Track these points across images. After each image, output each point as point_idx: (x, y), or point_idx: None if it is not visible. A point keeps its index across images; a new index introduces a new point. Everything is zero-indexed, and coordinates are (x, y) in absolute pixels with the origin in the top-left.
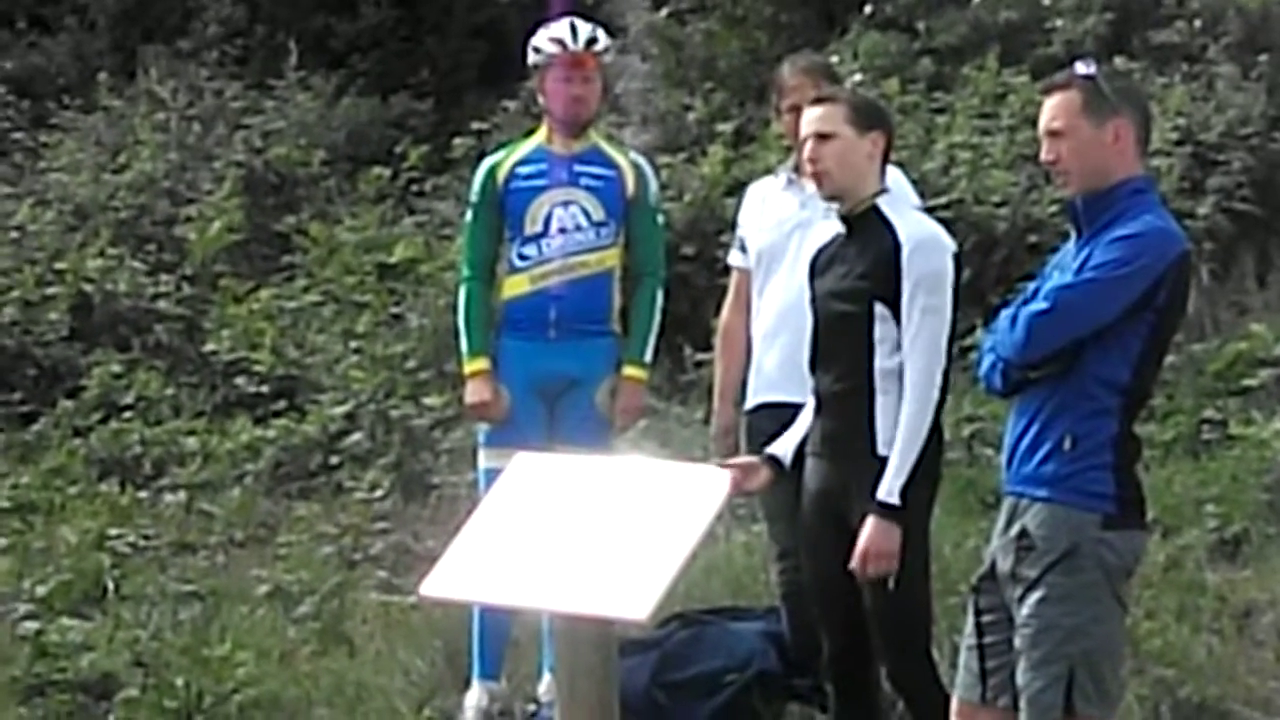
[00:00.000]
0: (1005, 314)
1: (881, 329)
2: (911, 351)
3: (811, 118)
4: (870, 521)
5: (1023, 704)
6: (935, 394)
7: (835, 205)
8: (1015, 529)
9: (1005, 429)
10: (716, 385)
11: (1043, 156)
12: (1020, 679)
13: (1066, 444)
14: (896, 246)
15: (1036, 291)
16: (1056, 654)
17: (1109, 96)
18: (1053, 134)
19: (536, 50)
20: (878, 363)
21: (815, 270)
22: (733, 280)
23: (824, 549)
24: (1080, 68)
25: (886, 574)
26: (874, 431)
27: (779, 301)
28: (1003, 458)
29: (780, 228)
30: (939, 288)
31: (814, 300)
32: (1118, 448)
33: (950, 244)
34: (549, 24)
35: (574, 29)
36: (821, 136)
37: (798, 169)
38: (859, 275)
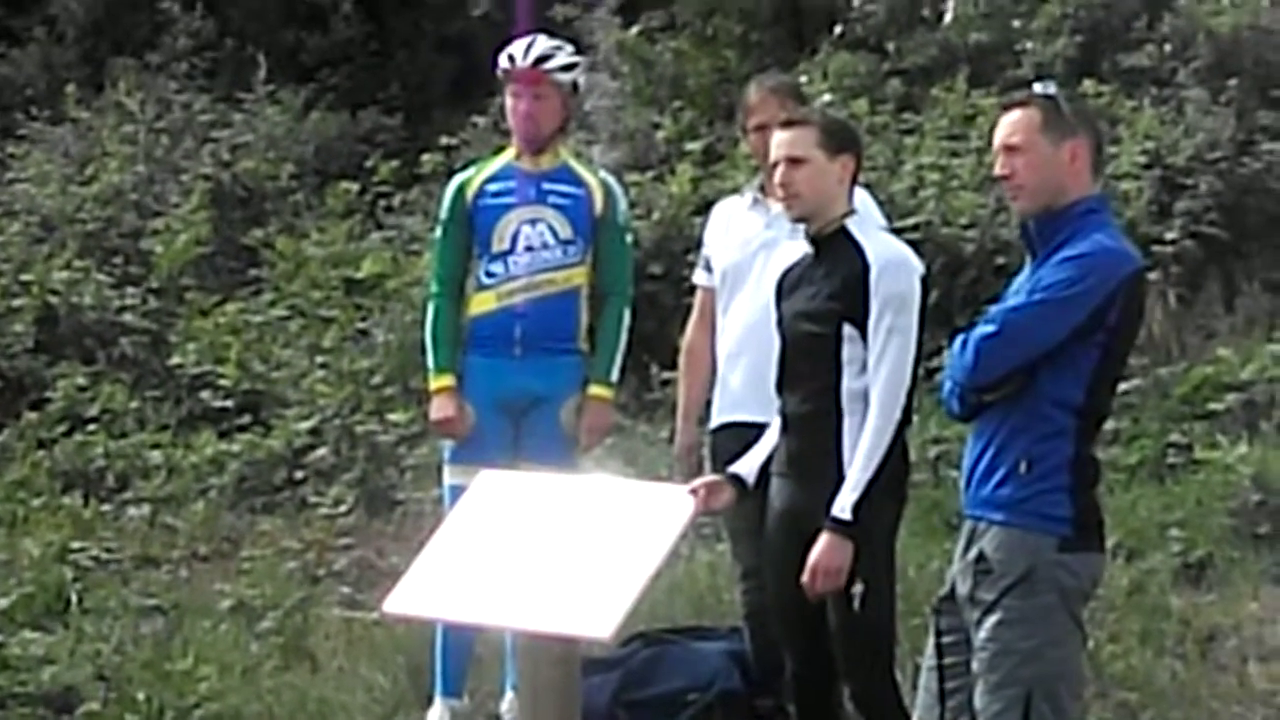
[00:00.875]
0: (959, 338)
1: (850, 350)
2: (876, 371)
3: (782, 141)
4: (823, 537)
5: None
6: (898, 414)
7: (802, 225)
8: (973, 552)
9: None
10: (680, 404)
11: (997, 170)
12: (978, 702)
13: (1022, 467)
14: (865, 268)
15: None
16: (1013, 677)
17: (1067, 117)
18: (1010, 149)
19: (498, 68)
20: (845, 384)
21: (782, 291)
22: (697, 299)
23: (788, 569)
24: (1039, 88)
25: (845, 591)
26: (841, 452)
27: (743, 321)
28: (961, 481)
29: (745, 247)
30: (906, 309)
31: (781, 321)
32: (1074, 470)
33: (918, 265)
34: (515, 41)
35: (528, 46)
36: (793, 161)
37: (763, 188)
38: (827, 296)
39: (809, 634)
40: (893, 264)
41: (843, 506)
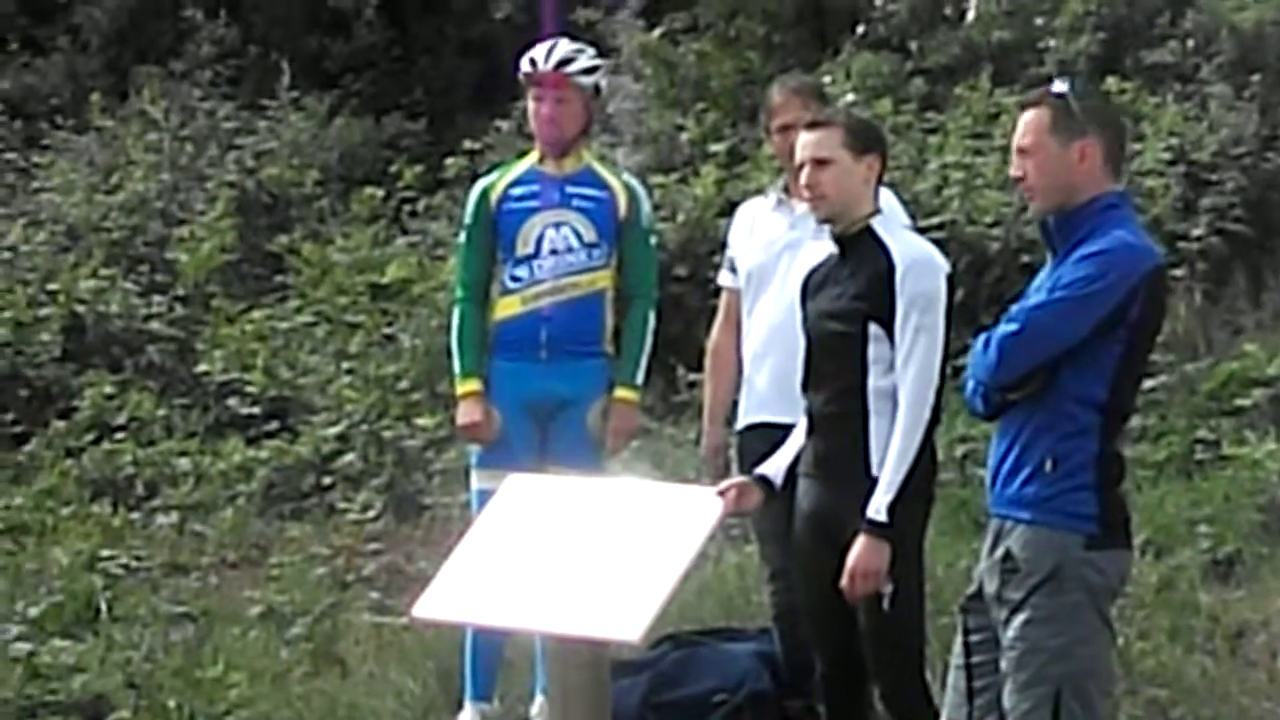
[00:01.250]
0: (981, 337)
1: (876, 349)
2: (904, 371)
3: (808, 142)
4: (860, 540)
5: None
6: (927, 414)
7: (827, 226)
8: (1000, 551)
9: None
10: (706, 406)
11: (1012, 172)
12: (1007, 701)
13: (1048, 465)
14: (891, 267)
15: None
16: (1042, 676)
17: (1077, 116)
18: (1022, 151)
19: (520, 72)
20: (871, 383)
21: (807, 291)
22: (722, 300)
23: (817, 570)
24: (1056, 85)
25: (875, 592)
26: (868, 452)
27: (769, 321)
28: (987, 479)
29: (770, 248)
30: (932, 308)
31: (806, 321)
32: (1099, 467)
33: (944, 265)
34: (537, 44)
35: (549, 50)
36: (819, 162)
37: (787, 189)
38: (853, 296)
39: (839, 634)
40: (919, 263)
41: (878, 508)
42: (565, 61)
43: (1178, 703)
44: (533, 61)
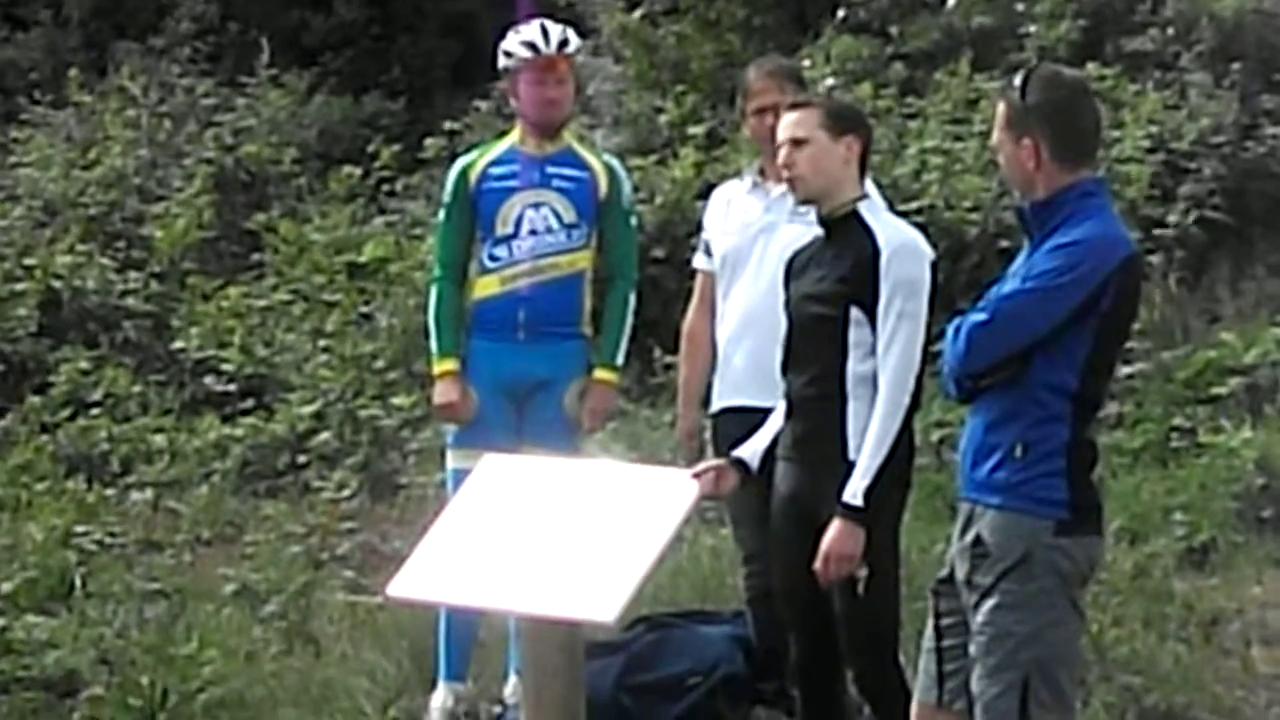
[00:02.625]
0: (953, 324)
1: (856, 333)
2: (886, 356)
3: (786, 123)
4: (834, 523)
5: (978, 711)
6: (906, 400)
7: (804, 209)
8: (970, 536)
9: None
10: (681, 389)
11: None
12: (975, 686)
13: (1018, 451)
14: (875, 251)
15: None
16: (1011, 661)
17: (1022, 114)
18: (995, 144)
19: (508, 54)
20: (851, 367)
21: (791, 273)
22: (697, 283)
23: (793, 553)
24: (1015, 79)
25: (849, 576)
26: (845, 436)
27: (744, 305)
28: (958, 463)
29: (745, 231)
30: (916, 294)
31: (788, 303)
32: (1070, 454)
33: (929, 251)
34: (519, 26)
35: (545, 32)
36: (796, 142)
37: (763, 172)
38: (836, 279)
39: (813, 618)
40: (904, 249)
41: (854, 492)
42: (564, 43)
43: (1151, 690)
44: (533, 45)
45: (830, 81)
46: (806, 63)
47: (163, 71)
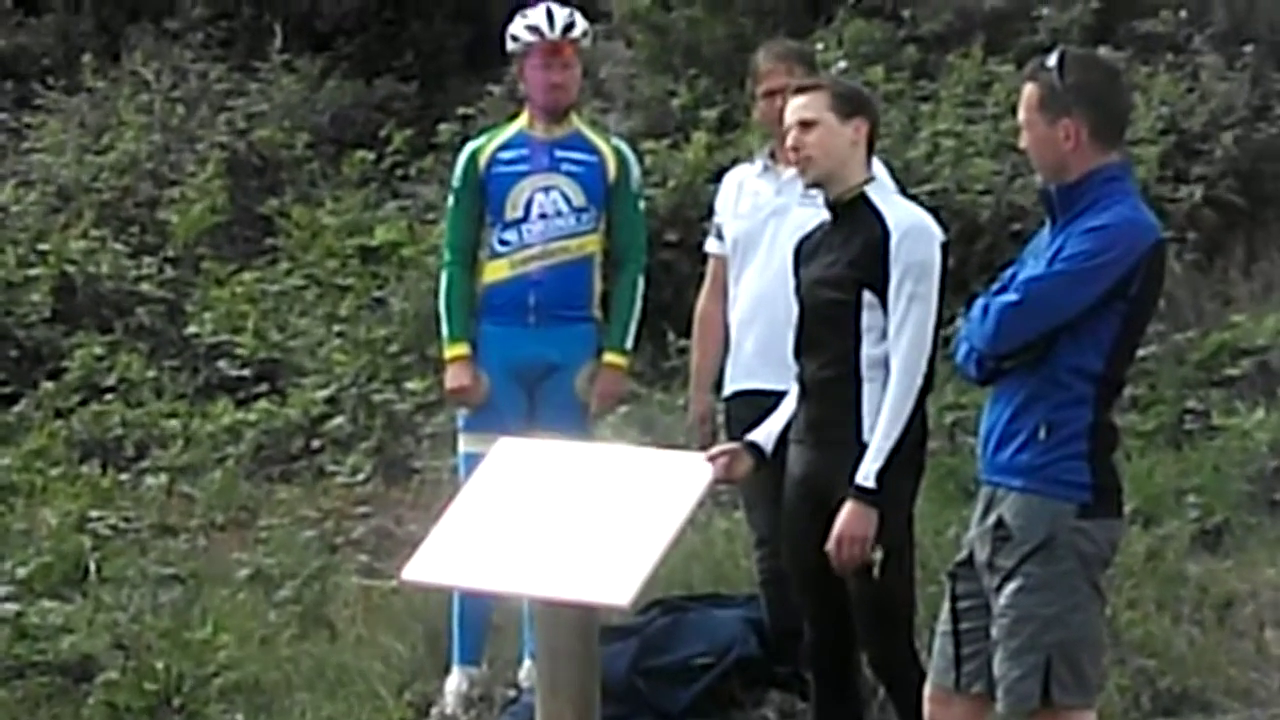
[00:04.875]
0: (978, 303)
1: (869, 317)
2: (897, 339)
3: (795, 106)
4: (847, 505)
5: (1000, 693)
6: (919, 382)
7: (815, 192)
8: (992, 518)
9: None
10: (693, 373)
11: (1021, 143)
12: (997, 669)
13: (1041, 433)
14: (885, 234)
15: (1014, 278)
16: (1033, 644)
17: (1060, 94)
18: (1023, 125)
19: (514, 39)
20: (864, 350)
21: (800, 257)
22: (709, 267)
23: (806, 536)
24: (1048, 59)
25: (861, 559)
26: (859, 419)
27: (755, 288)
28: (978, 446)
29: (756, 214)
30: (927, 276)
31: (799, 288)
32: (1093, 437)
33: (939, 233)
34: (527, 10)
35: (550, 16)
36: (804, 124)
37: (774, 155)
38: (847, 263)
39: (827, 601)
40: (914, 231)
41: (866, 474)
42: (569, 26)
43: (1165, 672)
44: (537, 29)
45: (842, 65)
46: (819, 46)
47: (176, 56)
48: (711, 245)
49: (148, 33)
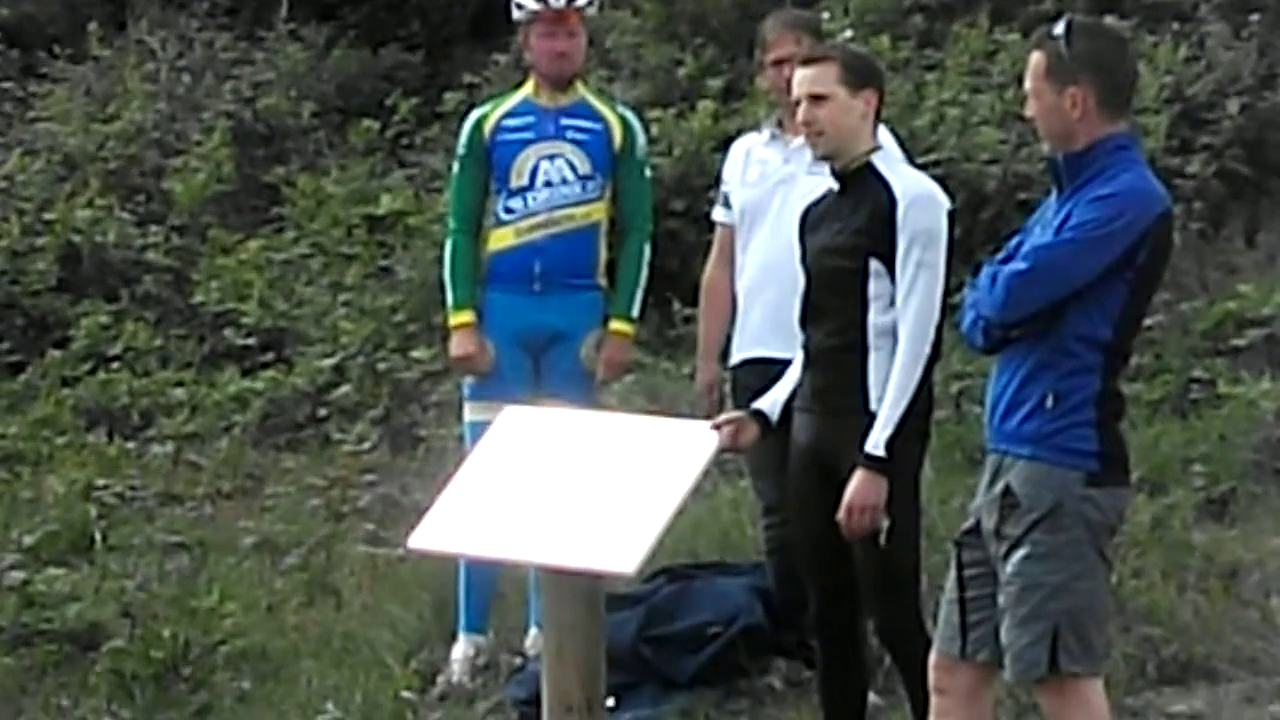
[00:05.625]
0: (985, 271)
1: (876, 285)
2: (905, 307)
3: (804, 78)
4: (857, 474)
5: (1007, 660)
6: (927, 349)
7: (825, 162)
8: (999, 486)
9: (988, 385)
10: (700, 342)
11: (1026, 112)
12: (1005, 636)
13: (1049, 401)
14: (893, 203)
15: (1019, 247)
16: (1041, 611)
17: (1067, 62)
18: (1029, 93)
19: (520, 6)
20: (871, 319)
21: (806, 226)
22: (717, 236)
23: (813, 504)
24: (1055, 28)
25: (872, 527)
26: (866, 387)
27: (763, 257)
28: (985, 414)
29: (764, 183)
30: (934, 244)
31: (805, 256)
32: (1100, 405)
33: (945, 201)
34: None
35: None
36: (815, 98)
37: (781, 123)
38: (854, 231)
39: (833, 569)
40: (921, 199)
41: (876, 443)
42: None
43: (1171, 641)
44: None
45: (848, 33)
46: (825, 15)
47: (182, 25)
48: (719, 214)
49: (153, 2)
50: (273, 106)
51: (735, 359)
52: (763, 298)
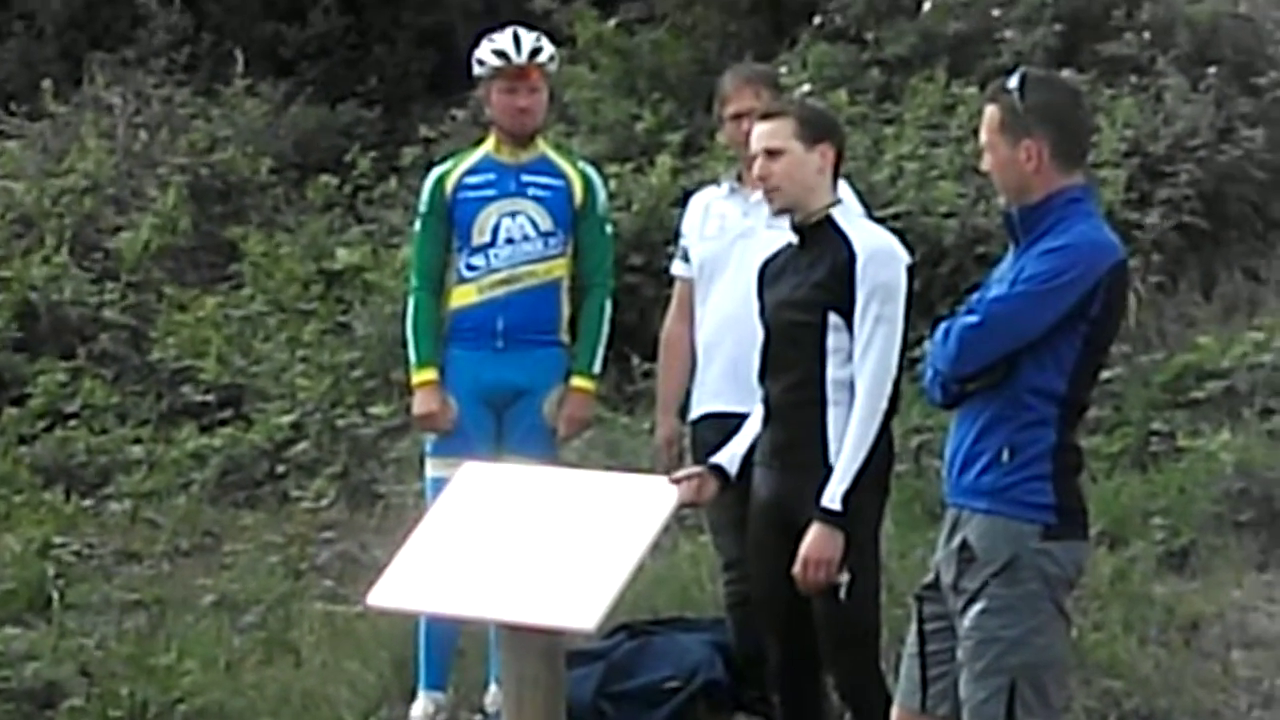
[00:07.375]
0: (941, 326)
1: (835, 339)
2: (863, 361)
3: (760, 133)
4: (813, 528)
5: (965, 715)
6: (884, 404)
7: (784, 217)
8: (956, 540)
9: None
10: (659, 396)
11: (982, 165)
12: (963, 690)
13: (1005, 455)
14: (851, 257)
15: (979, 303)
16: (998, 666)
17: (1022, 115)
18: (985, 146)
19: (481, 63)
20: (830, 373)
21: (765, 280)
22: (676, 290)
23: (772, 559)
24: (1009, 81)
25: (828, 581)
26: (825, 442)
27: (722, 311)
28: (944, 469)
29: (723, 237)
30: (892, 298)
31: (764, 310)
32: (1056, 458)
33: (904, 255)
34: (494, 35)
35: (517, 40)
36: (770, 153)
37: (740, 177)
38: (813, 285)
39: (793, 624)
40: (880, 253)
41: (832, 496)
42: (536, 51)
43: (1132, 694)
44: (503, 54)
45: (807, 88)
46: (784, 69)
47: (138, 82)
48: (678, 268)
49: (110, 59)
50: (230, 162)
51: (694, 414)
52: (722, 351)
